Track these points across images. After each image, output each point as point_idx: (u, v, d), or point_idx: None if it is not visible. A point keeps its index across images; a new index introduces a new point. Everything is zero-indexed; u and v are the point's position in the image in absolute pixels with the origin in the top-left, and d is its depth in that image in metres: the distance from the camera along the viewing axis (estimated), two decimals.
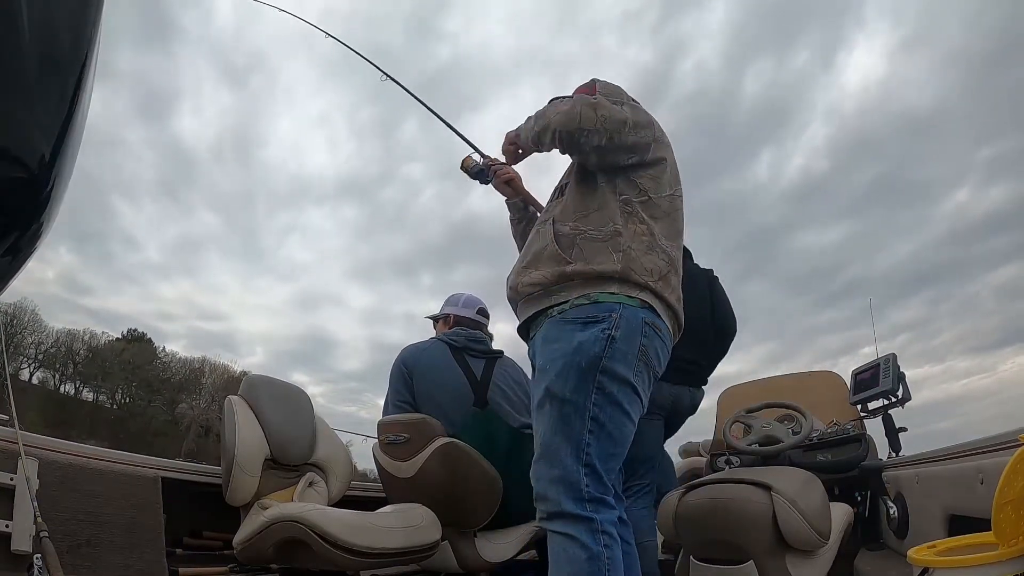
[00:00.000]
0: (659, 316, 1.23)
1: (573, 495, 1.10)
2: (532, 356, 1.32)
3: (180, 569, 1.85)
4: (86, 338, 38.60)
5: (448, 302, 2.41)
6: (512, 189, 1.77)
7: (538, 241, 1.34)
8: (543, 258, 1.28)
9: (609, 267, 1.20)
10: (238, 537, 1.80)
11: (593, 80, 1.47)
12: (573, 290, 1.22)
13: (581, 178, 1.36)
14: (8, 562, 1.37)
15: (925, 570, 1.03)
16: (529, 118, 1.44)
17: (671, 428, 2.81)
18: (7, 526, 1.38)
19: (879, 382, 2.54)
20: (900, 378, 2.49)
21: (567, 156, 1.41)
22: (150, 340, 42.09)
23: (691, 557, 1.70)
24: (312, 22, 2.67)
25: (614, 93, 1.39)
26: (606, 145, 1.27)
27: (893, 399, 2.52)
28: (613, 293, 1.19)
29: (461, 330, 2.24)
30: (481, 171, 1.81)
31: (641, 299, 1.20)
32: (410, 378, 2.13)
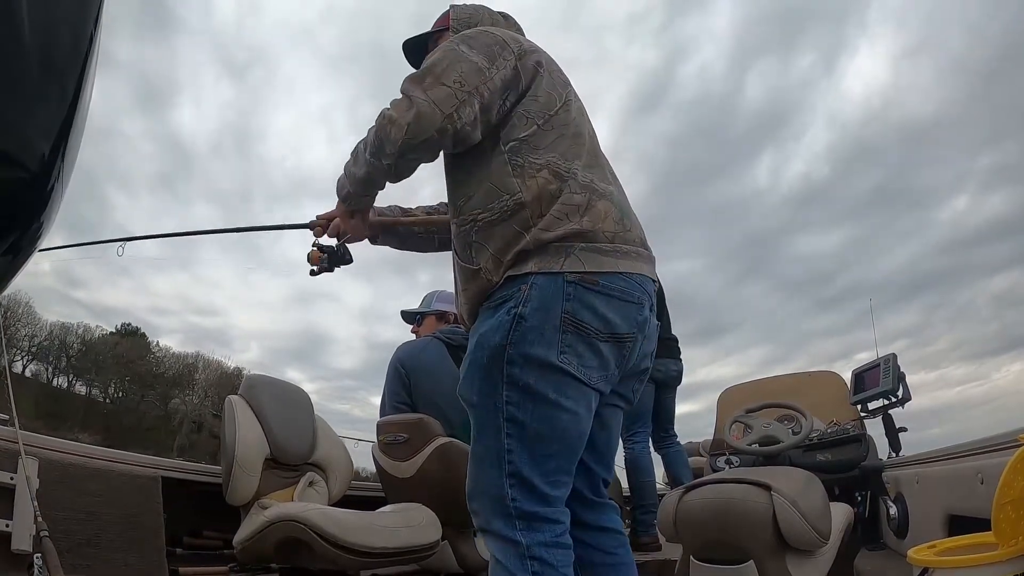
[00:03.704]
0: (597, 255, 0.99)
1: (500, 511, 0.98)
2: None
3: (180, 569, 1.85)
4: (80, 331, 38.45)
5: (440, 298, 2.37)
6: (364, 229, 1.29)
7: (455, 252, 1.12)
8: (461, 276, 1.09)
9: (520, 246, 0.99)
10: (238, 537, 1.80)
11: (449, 7, 1.29)
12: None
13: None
14: (8, 561, 1.37)
15: (925, 570, 1.03)
16: (348, 169, 1.15)
17: (667, 396, 2.97)
18: (7, 525, 1.38)
19: (879, 382, 2.54)
20: (900, 378, 2.49)
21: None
22: (144, 335, 41.97)
23: (691, 557, 1.70)
24: None
25: (472, 16, 1.23)
26: (483, 107, 1.02)
27: (893, 399, 2.52)
28: (530, 271, 0.98)
29: (458, 327, 2.21)
30: (336, 253, 1.29)
31: (564, 255, 0.98)
32: (407, 378, 2.12)
